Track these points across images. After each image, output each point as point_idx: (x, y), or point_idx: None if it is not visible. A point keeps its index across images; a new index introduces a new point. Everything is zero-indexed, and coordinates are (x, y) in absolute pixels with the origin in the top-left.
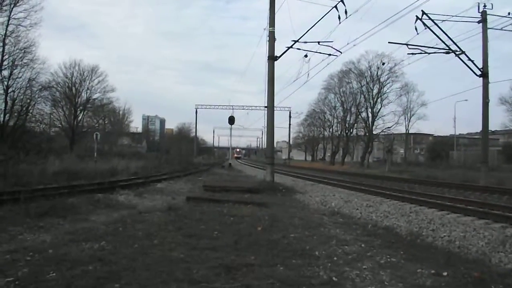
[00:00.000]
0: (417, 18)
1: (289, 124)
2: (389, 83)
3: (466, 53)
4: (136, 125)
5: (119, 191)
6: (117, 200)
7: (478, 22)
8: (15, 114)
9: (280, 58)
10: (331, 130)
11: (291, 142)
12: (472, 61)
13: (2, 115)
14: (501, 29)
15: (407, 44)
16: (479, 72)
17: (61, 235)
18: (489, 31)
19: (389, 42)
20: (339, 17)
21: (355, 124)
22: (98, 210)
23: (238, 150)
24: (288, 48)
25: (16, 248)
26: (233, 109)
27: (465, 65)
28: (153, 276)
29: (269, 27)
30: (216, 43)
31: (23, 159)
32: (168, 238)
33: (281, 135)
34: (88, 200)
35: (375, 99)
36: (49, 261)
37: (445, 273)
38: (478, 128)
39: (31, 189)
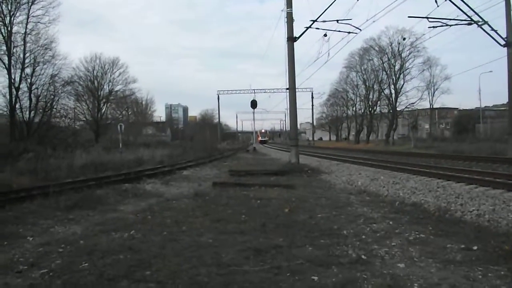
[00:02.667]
0: None
1: (312, 105)
2: (411, 58)
3: (489, 23)
4: (160, 114)
5: (146, 180)
6: (144, 189)
7: None
8: (40, 110)
9: (300, 39)
10: (354, 109)
11: (314, 123)
12: (496, 31)
13: (27, 112)
14: None
15: (427, 18)
16: (503, 42)
17: (91, 226)
18: None
19: (409, 17)
20: None
21: (378, 102)
22: (126, 200)
23: (263, 131)
24: (307, 28)
25: (48, 241)
26: (254, 93)
27: (489, 36)
28: (182, 262)
29: (287, 8)
30: (234, 28)
31: (51, 154)
32: (196, 224)
33: (304, 116)
34: (116, 190)
35: (397, 75)
36: (81, 251)
37: (475, 247)
38: (504, 99)
39: (60, 183)
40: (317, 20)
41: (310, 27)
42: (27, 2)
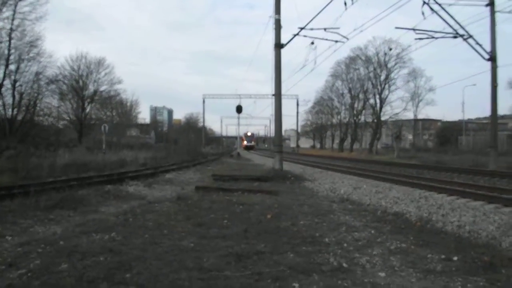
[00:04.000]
0: (424, 2)
1: (297, 112)
2: (396, 69)
3: (474, 37)
4: (144, 116)
5: (129, 182)
6: (126, 191)
7: (486, 5)
8: (23, 108)
9: (287, 45)
10: (339, 117)
11: (299, 130)
12: (480, 45)
13: (10, 110)
14: (510, 12)
15: (414, 29)
16: (487, 56)
17: (71, 227)
18: (497, 14)
19: (396, 28)
20: (345, 3)
21: (363, 111)
22: (108, 202)
23: (249, 134)
24: (295, 35)
25: (27, 241)
26: (240, 98)
27: (473, 50)
28: (163, 265)
29: (275, 15)
30: (223, 33)
31: (33, 152)
32: (178, 228)
33: (289, 123)
34: (98, 191)
35: (382, 85)
36: (61, 252)
37: (455, 258)
38: (487, 112)
39: (41, 182)
40: (305, 27)
41: (297, 34)
42: None
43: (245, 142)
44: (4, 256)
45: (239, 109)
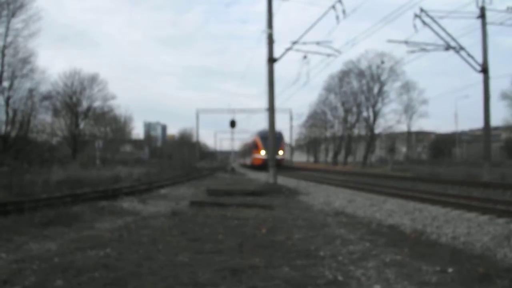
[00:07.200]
0: (416, 15)
1: (291, 126)
2: (389, 81)
3: (466, 49)
4: (138, 131)
5: (123, 198)
6: (121, 207)
7: (477, 17)
8: (17, 125)
9: (280, 59)
10: (332, 130)
11: (293, 144)
12: (472, 57)
13: (3, 126)
14: (500, 23)
15: (406, 42)
16: (479, 68)
17: (66, 243)
18: (488, 26)
19: (388, 41)
20: (337, 17)
21: (357, 124)
22: (102, 217)
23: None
24: (287, 50)
25: (22, 258)
26: (234, 112)
27: (465, 62)
28: (159, 281)
29: (268, 29)
30: (216, 47)
31: (27, 169)
32: (173, 243)
33: None
34: (92, 207)
35: (376, 98)
36: (56, 269)
37: (450, 270)
38: (480, 124)
39: (35, 198)
40: (298, 41)
41: (290, 48)
42: (7, 15)
43: (262, 153)
44: None
45: (232, 123)
